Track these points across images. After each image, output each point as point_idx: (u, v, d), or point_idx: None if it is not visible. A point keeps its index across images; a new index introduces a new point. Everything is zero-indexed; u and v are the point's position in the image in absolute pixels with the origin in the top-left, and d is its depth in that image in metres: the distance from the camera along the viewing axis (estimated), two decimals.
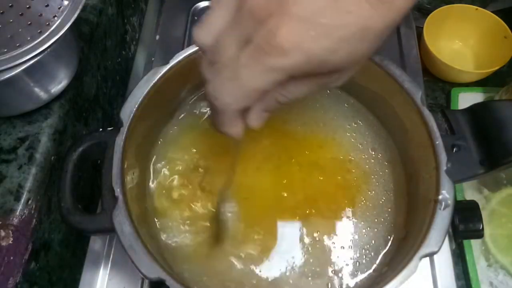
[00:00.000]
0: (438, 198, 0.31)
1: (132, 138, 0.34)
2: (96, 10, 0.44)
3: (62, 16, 0.32)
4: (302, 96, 0.27)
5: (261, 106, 0.27)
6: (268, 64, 0.23)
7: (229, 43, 0.25)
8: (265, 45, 0.23)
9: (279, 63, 0.23)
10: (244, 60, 0.24)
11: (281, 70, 0.23)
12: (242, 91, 0.25)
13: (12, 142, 0.36)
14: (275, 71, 0.23)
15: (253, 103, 0.26)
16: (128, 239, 0.30)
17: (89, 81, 0.43)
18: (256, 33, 0.23)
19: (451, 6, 0.58)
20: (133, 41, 0.57)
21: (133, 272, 0.41)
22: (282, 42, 0.22)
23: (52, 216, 0.37)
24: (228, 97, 0.25)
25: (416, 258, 0.30)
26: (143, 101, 0.35)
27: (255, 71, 0.24)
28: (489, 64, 0.54)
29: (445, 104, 0.56)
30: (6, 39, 0.32)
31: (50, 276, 0.37)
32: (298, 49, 0.23)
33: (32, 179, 0.34)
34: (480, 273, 0.45)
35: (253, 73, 0.24)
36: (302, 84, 0.26)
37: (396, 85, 0.36)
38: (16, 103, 0.36)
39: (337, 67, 0.25)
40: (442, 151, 0.33)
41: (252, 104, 0.26)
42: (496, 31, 0.56)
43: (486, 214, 0.47)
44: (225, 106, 0.26)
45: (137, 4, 0.57)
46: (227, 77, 0.25)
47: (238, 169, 0.37)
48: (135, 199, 0.34)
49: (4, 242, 0.32)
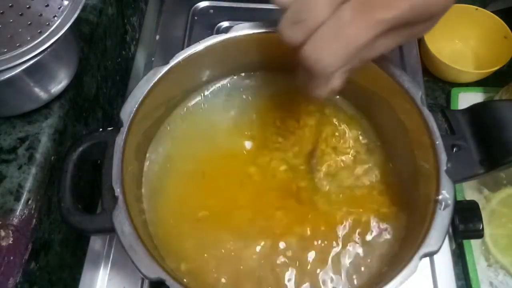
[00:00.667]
0: (438, 198, 0.31)
1: (132, 138, 0.34)
2: (96, 10, 0.44)
3: (62, 16, 0.32)
4: (385, 51, 0.26)
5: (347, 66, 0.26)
6: (375, 17, 0.22)
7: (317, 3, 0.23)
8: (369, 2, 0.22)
9: (387, 15, 0.22)
10: (347, 17, 0.23)
11: (387, 22, 0.23)
12: (347, 50, 0.23)
13: (12, 142, 0.36)
14: (382, 23, 0.23)
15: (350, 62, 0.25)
16: (128, 239, 0.30)
17: (89, 81, 0.43)
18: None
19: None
20: (133, 41, 0.57)
21: (133, 272, 0.41)
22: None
23: (52, 216, 0.37)
24: (332, 58, 0.24)
25: (416, 258, 0.30)
26: (143, 101, 0.35)
27: (361, 27, 0.23)
28: (489, 64, 0.54)
29: (445, 104, 0.56)
30: (6, 39, 0.32)
31: (50, 276, 0.37)
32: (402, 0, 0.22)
33: (32, 179, 0.34)
34: (480, 273, 0.45)
35: (359, 30, 0.23)
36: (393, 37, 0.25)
37: (396, 85, 0.36)
38: (16, 103, 0.36)
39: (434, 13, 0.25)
40: (442, 151, 0.33)
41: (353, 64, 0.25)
42: (496, 31, 0.56)
43: (486, 214, 0.47)
44: (328, 67, 0.24)
45: (137, 4, 0.57)
46: (329, 36, 0.23)
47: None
48: (135, 199, 0.34)
49: (4, 242, 0.32)
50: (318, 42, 0.24)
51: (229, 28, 0.37)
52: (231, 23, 0.59)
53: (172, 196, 0.38)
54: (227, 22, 0.59)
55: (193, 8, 0.61)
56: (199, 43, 0.37)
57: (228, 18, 0.59)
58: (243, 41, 0.37)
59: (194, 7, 0.61)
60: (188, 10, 0.60)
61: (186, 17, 0.60)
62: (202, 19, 0.60)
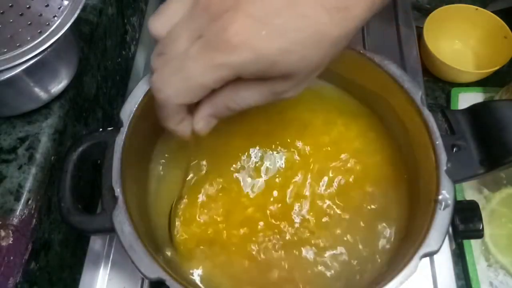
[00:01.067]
0: (438, 198, 0.31)
1: (132, 138, 0.34)
2: (96, 10, 0.44)
3: (62, 16, 0.32)
4: (254, 104, 0.26)
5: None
6: (215, 59, 0.23)
7: (181, 36, 0.24)
8: (215, 39, 0.23)
9: (226, 59, 0.23)
10: (193, 53, 0.23)
11: (228, 67, 0.23)
12: (186, 85, 0.24)
13: (12, 142, 0.36)
14: (222, 67, 0.23)
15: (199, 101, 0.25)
16: (128, 239, 0.30)
17: (89, 81, 0.43)
18: (207, 28, 0.23)
19: (451, 6, 0.58)
20: (133, 41, 0.57)
21: (133, 272, 0.41)
22: (231, 37, 0.22)
23: (52, 216, 0.37)
24: (170, 89, 0.24)
25: (416, 258, 0.30)
26: (143, 101, 0.35)
27: (201, 65, 0.23)
28: (489, 64, 0.54)
29: (445, 104, 0.56)
30: (6, 39, 0.32)
31: (50, 276, 0.37)
32: (247, 46, 0.22)
33: (32, 179, 0.34)
34: (480, 273, 0.45)
35: (199, 67, 0.23)
36: (253, 90, 0.25)
37: (396, 85, 0.36)
38: (16, 103, 0.36)
39: (289, 72, 0.24)
40: (442, 151, 0.33)
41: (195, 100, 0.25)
42: (496, 31, 0.56)
43: (486, 214, 0.47)
44: (167, 98, 0.25)
45: (137, 4, 0.57)
46: (173, 68, 0.24)
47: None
48: (135, 198, 0.34)
49: (4, 242, 0.32)
50: (162, 73, 0.25)
51: None
52: None
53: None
54: None
55: None
56: None
57: None
58: None
59: None
60: None
61: None
62: None
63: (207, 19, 0.23)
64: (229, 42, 0.22)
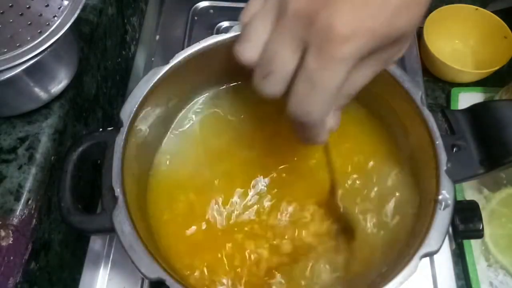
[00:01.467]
0: (438, 198, 0.31)
1: (132, 138, 0.34)
2: (96, 10, 0.44)
3: (62, 16, 0.32)
4: (368, 81, 0.26)
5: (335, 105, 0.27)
6: (337, 55, 0.23)
7: (284, 50, 0.24)
8: (326, 39, 0.22)
9: (346, 50, 0.22)
10: (312, 64, 0.23)
11: (350, 56, 0.23)
12: (327, 94, 0.24)
13: (12, 142, 0.36)
14: (345, 59, 0.23)
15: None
16: (128, 239, 0.30)
17: (89, 81, 0.43)
18: (310, 34, 0.23)
19: (451, 6, 0.58)
20: (133, 41, 0.57)
21: (133, 272, 0.41)
22: (340, 30, 0.22)
23: (52, 216, 0.37)
24: (317, 107, 0.24)
25: (416, 258, 0.30)
26: (143, 101, 0.35)
27: (328, 69, 0.23)
28: (489, 64, 0.54)
29: (445, 104, 0.56)
30: (6, 39, 0.32)
31: (50, 276, 0.37)
32: (359, 30, 0.22)
33: (32, 179, 0.34)
34: (480, 273, 0.45)
35: (327, 72, 0.23)
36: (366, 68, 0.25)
37: (396, 85, 0.36)
38: (16, 103, 0.36)
39: (399, 36, 0.25)
40: (442, 151, 0.33)
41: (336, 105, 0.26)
42: (496, 31, 0.56)
43: (486, 214, 0.47)
44: (318, 117, 0.25)
45: (137, 4, 0.57)
46: (305, 89, 0.24)
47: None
48: (135, 198, 0.34)
49: (4, 242, 0.32)
50: (298, 98, 0.24)
51: (229, 28, 0.38)
52: (231, 23, 0.59)
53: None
54: (227, 22, 0.59)
55: (193, 8, 0.61)
56: (199, 43, 0.37)
57: (228, 18, 0.59)
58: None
59: (194, 7, 0.61)
60: (188, 10, 0.60)
61: (186, 17, 0.60)
62: (202, 19, 0.60)
63: (303, 26, 0.23)
64: (340, 35, 0.22)
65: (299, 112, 0.25)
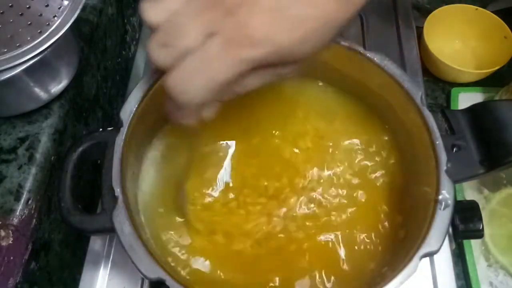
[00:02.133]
0: (438, 198, 0.31)
1: (132, 138, 0.34)
2: (96, 10, 0.44)
3: (62, 16, 0.32)
4: (258, 87, 0.27)
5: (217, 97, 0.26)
6: (240, 55, 0.23)
7: (190, 29, 0.24)
8: (236, 35, 0.23)
9: (250, 54, 0.23)
10: (214, 51, 0.23)
11: (252, 61, 0.23)
12: (211, 84, 0.24)
13: (12, 142, 0.36)
14: (246, 62, 0.23)
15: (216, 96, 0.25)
16: (128, 239, 0.30)
17: (89, 81, 0.43)
18: (224, 22, 0.23)
19: (451, 6, 0.58)
20: (133, 41, 0.57)
21: (133, 272, 0.41)
22: (254, 33, 0.22)
23: (52, 216, 0.37)
24: (196, 91, 0.24)
25: (416, 258, 0.30)
26: (143, 101, 0.35)
27: (227, 63, 0.23)
28: (489, 64, 0.54)
29: (445, 104, 0.56)
30: (6, 39, 0.32)
31: (50, 276, 0.37)
32: (270, 40, 0.23)
33: (32, 179, 0.34)
34: (480, 273, 0.45)
35: (224, 65, 0.23)
36: (261, 74, 0.26)
37: (396, 85, 0.36)
38: (16, 103, 0.36)
39: (301, 57, 0.25)
40: (442, 151, 0.33)
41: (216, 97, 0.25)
42: (496, 31, 0.56)
43: (486, 214, 0.47)
44: (192, 100, 0.25)
45: (137, 4, 0.57)
46: (193, 68, 0.24)
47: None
48: (135, 198, 0.34)
49: (4, 242, 0.32)
50: (183, 73, 0.24)
51: None
52: None
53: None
54: None
55: None
56: None
57: None
58: None
59: None
60: None
61: None
62: None
63: (221, 13, 0.23)
64: (252, 37, 0.23)
65: (176, 88, 0.24)
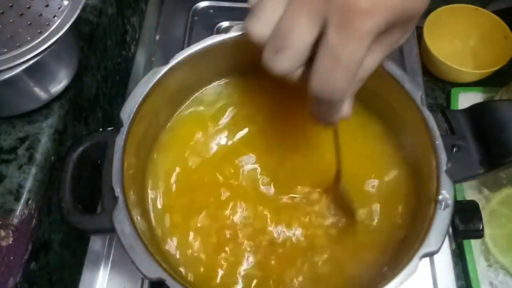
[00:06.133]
0: (438, 198, 0.31)
1: (132, 138, 0.34)
2: (96, 10, 0.44)
3: (62, 16, 0.32)
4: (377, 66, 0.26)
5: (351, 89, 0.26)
6: (360, 30, 0.23)
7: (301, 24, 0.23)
8: (348, 14, 0.22)
9: (370, 24, 0.23)
10: (334, 39, 0.23)
11: (372, 31, 0.23)
12: (350, 71, 0.23)
13: (12, 142, 0.36)
14: (368, 34, 0.23)
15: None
16: (128, 239, 0.30)
17: (89, 81, 0.43)
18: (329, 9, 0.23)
19: (451, 6, 0.58)
20: (133, 41, 0.57)
21: (133, 272, 0.40)
22: (362, 5, 0.22)
23: (52, 216, 0.37)
24: (341, 84, 0.24)
25: (416, 258, 0.30)
26: (143, 101, 0.35)
27: (351, 44, 0.23)
28: (489, 64, 0.54)
29: (445, 104, 0.56)
30: (6, 39, 0.32)
31: (50, 276, 0.37)
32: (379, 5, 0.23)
33: (32, 179, 0.34)
34: (480, 273, 0.45)
35: (350, 47, 0.23)
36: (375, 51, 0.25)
37: (396, 85, 0.36)
38: (16, 103, 0.36)
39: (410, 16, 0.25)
40: (442, 151, 0.33)
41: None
42: (496, 31, 0.56)
43: (486, 214, 0.47)
44: (341, 94, 0.24)
45: (137, 4, 0.57)
46: (329, 65, 0.23)
47: None
48: (135, 198, 0.34)
49: (4, 242, 0.32)
50: (321, 75, 0.24)
51: (229, 28, 0.37)
52: (231, 23, 0.59)
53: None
54: (227, 22, 0.59)
55: (193, 8, 0.61)
56: (199, 43, 0.37)
57: (228, 18, 0.59)
58: (243, 41, 0.37)
59: (194, 7, 0.61)
60: (188, 10, 0.60)
61: (186, 17, 0.60)
62: (202, 19, 0.60)
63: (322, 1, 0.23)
64: (362, 9, 0.22)
65: (322, 89, 0.24)
